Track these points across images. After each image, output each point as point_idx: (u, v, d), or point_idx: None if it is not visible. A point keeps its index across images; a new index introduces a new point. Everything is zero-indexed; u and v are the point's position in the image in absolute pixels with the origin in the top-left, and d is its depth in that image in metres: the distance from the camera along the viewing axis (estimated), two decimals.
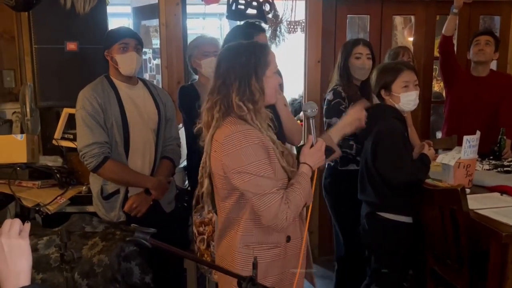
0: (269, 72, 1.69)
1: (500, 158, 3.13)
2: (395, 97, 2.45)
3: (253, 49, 1.70)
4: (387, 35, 4.05)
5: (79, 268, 2.23)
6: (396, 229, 2.46)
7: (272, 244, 1.72)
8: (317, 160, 1.75)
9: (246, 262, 1.71)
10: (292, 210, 1.64)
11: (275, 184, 1.63)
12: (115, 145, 2.43)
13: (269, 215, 1.62)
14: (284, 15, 4.10)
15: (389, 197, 2.43)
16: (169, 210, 2.65)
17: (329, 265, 3.72)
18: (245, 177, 1.61)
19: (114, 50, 2.44)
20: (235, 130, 1.62)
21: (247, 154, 1.60)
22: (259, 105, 1.66)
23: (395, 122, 2.41)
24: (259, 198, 1.62)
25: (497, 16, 4.17)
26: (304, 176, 1.70)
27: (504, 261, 2.13)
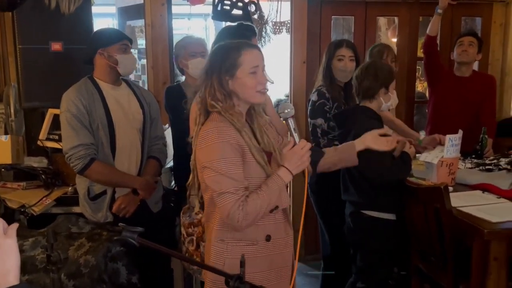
0: (240, 72, 1.69)
1: (482, 157, 3.18)
2: (387, 96, 2.50)
3: (225, 50, 1.73)
4: (371, 36, 4.10)
5: (66, 269, 2.22)
6: (380, 227, 2.50)
7: (249, 241, 1.72)
8: (295, 162, 1.68)
9: (219, 257, 1.73)
10: (248, 213, 1.62)
11: (236, 184, 1.62)
12: (101, 146, 2.42)
13: (223, 214, 1.65)
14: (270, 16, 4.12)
15: (372, 195, 2.47)
16: (156, 210, 2.65)
17: (315, 264, 3.75)
18: (209, 173, 1.65)
19: (115, 50, 2.44)
20: (212, 126, 1.67)
21: (215, 150, 1.63)
22: (228, 104, 1.70)
23: (373, 122, 2.46)
24: (218, 195, 1.64)
25: (478, 18, 4.24)
26: (275, 179, 1.67)
27: (486, 258, 2.17)
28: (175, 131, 2.95)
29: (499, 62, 4.20)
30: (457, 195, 2.53)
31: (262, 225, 1.74)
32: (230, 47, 1.75)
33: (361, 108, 2.54)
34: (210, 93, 1.71)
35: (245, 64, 1.69)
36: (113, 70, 2.46)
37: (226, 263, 1.71)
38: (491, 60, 4.19)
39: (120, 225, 1.30)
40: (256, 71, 1.70)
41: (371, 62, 2.65)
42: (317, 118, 2.90)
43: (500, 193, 2.55)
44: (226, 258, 1.72)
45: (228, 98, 1.71)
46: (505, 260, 2.16)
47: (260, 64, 1.72)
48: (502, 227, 2.16)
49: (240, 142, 1.67)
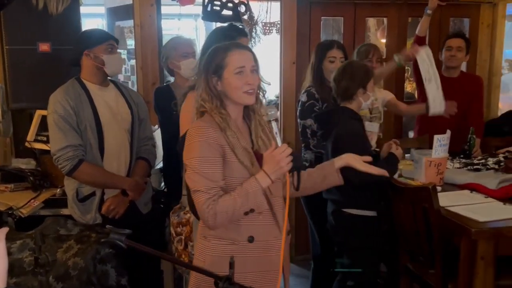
0: (226, 73, 1.71)
1: (470, 157, 3.21)
2: (367, 96, 2.53)
3: (214, 51, 1.76)
4: (360, 36, 4.12)
5: (54, 271, 2.20)
6: (362, 224, 2.53)
7: (229, 240, 1.73)
8: (275, 166, 1.64)
9: (201, 253, 1.75)
10: (217, 213, 1.62)
11: (209, 183, 1.64)
12: (89, 148, 2.41)
13: (198, 211, 1.68)
14: (260, 17, 4.13)
15: (352, 193, 2.49)
16: (145, 211, 2.64)
17: (305, 264, 3.76)
18: (187, 170, 1.69)
19: (101, 50, 2.42)
20: (195, 125, 1.72)
21: (193, 149, 1.67)
22: (214, 104, 1.72)
23: (354, 123, 2.49)
24: (193, 193, 1.68)
25: (466, 18, 4.28)
26: (252, 182, 1.65)
27: (473, 257, 2.19)
28: (164, 132, 2.94)
29: (487, 63, 4.24)
30: (445, 194, 2.55)
31: (245, 225, 1.73)
32: (218, 48, 1.77)
33: (341, 108, 2.56)
34: (200, 93, 1.75)
35: (230, 64, 1.71)
36: (100, 71, 2.45)
37: (207, 260, 1.72)
38: (478, 60, 4.23)
39: (107, 227, 1.29)
40: (242, 71, 1.71)
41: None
42: (306, 118, 2.91)
43: (488, 193, 2.58)
44: (207, 255, 1.73)
45: (215, 98, 1.73)
46: (492, 259, 2.18)
47: (247, 65, 1.72)
48: (489, 226, 2.19)
49: (221, 141, 1.68)
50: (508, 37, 4.27)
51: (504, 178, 2.65)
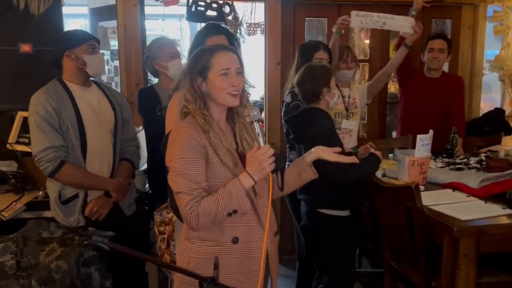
0: (211, 74, 1.72)
1: (452, 156, 3.26)
2: (332, 93, 2.57)
3: (199, 52, 1.77)
4: (344, 37, 4.11)
5: (37, 275, 2.17)
6: (335, 224, 2.57)
7: (213, 241, 1.72)
8: (257, 166, 1.64)
9: (184, 255, 1.75)
10: (199, 215, 1.62)
11: (191, 185, 1.64)
12: (71, 149, 2.38)
13: (181, 213, 1.67)
14: (244, 17, 4.13)
15: (325, 193, 2.53)
16: (129, 213, 2.62)
17: (291, 265, 3.77)
18: (170, 173, 1.69)
19: (82, 51, 2.40)
20: (177, 127, 1.72)
21: (175, 150, 1.67)
22: (198, 105, 1.73)
23: (325, 122, 2.52)
24: (175, 194, 1.68)
25: (448, 20, 4.33)
26: (234, 183, 1.65)
27: (456, 255, 2.22)
28: (148, 133, 2.93)
29: (468, 63, 4.29)
30: (428, 194, 2.58)
31: (229, 226, 1.73)
32: (204, 50, 1.78)
33: (310, 109, 2.60)
34: (184, 94, 1.75)
35: (215, 66, 1.72)
36: (82, 71, 2.43)
37: (191, 262, 1.72)
38: (460, 61, 4.28)
39: (90, 229, 1.28)
40: (227, 73, 1.71)
41: (306, 66, 2.70)
42: None
43: (470, 192, 2.62)
44: (191, 257, 1.73)
45: (199, 100, 1.74)
46: (474, 256, 2.21)
47: (232, 67, 1.73)
48: (471, 224, 2.22)
49: (204, 143, 1.68)
50: (489, 38, 4.33)
51: (486, 177, 2.69)
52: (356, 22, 3.20)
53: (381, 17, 3.18)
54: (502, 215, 2.32)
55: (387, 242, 2.62)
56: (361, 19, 3.16)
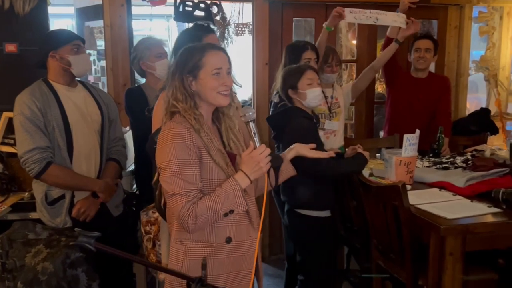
0: (202, 73, 1.70)
1: (439, 155, 3.28)
2: (302, 94, 2.58)
3: (189, 51, 1.74)
4: (331, 38, 4.14)
5: (22, 277, 2.15)
6: (313, 224, 2.60)
7: (207, 242, 1.72)
8: (254, 166, 1.66)
9: (177, 258, 1.73)
10: (197, 216, 1.61)
11: (188, 186, 1.62)
12: (58, 150, 2.36)
13: (175, 214, 1.65)
14: (232, 18, 4.13)
15: (303, 194, 2.56)
16: (116, 214, 2.61)
17: (279, 264, 3.77)
18: (163, 173, 1.66)
19: (66, 51, 2.38)
20: (168, 127, 1.68)
21: (169, 151, 1.64)
22: (188, 105, 1.70)
23: (302, 120, 2.55)
24: (169, 196, 1.64)
25: (435, 20, 4.37)
26: (231, 183, 1.65)
27: (442, 253, 2.24)
28: (135, 133, 2.91)
29: (454, 64, 4.34)
30: (415, 193, 2.60)
31: (223, 227, 1.73)
32: (194, 49, 1.76)
33: (289, 108, 2.64)
34: (172, 93, 1.72)
35: (207, 65, 1.70)
36: (67, 72, 2.41)
37: (184, 265, 1.71)
38: (446, 61, 4.32)
39: (76, 230, 1.27)
40: (219, 72, 1.71)
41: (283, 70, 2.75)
42: None
43: (456, 191, 2.63)
44: (184, 260, 1.71)
45: (189, 99, 1.71)
46: (460, 255, 2.23)
47: (223, 66, 1.72)
48: (457, 223, 2.24)
49: (197, 143, 1.66)
50: (475, 38, 4.38)
51: (472, 176, 2.71)
52: (350, 17, 3.26)
53: (373, 13, 3.25)
54: (488, 213, 2.34)
55: (375, 241, 2.63)
56: (355, 15, 3.23)
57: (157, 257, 2.17)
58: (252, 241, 1.79)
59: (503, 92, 4.50)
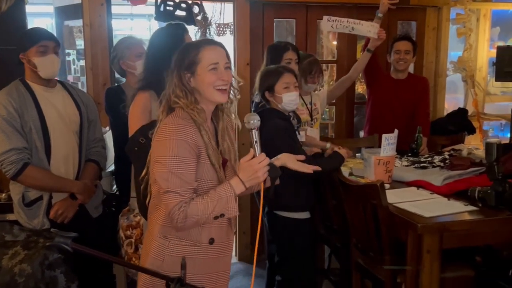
0: (199, 69, 1.69)
1: (417, 155, 3.33)
2: (278, 97, 2.60)
3: (186, 48, 1.74)
4: (312, 38, 4.19)
5: None
6: (290, 226, 2.63)
7: (191, 241, 1.72)
8: (251, 175, 1.65)
9: (159, 252, 1.72)
10: (187, 216, 1.61)
11: (184, 185, 1.62)
12: (35, 151, 2.33)
13: (166, 211, 1.65)
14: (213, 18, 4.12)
15: (281, 196, 2.57)
16: (96, 215, 2.58)
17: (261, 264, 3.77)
18: (159, 168, 1.63)
19: (32, 53, 2.33)
20: (173, 121, 1.65)
21: (169, 146, 1.62)
22: (189, 100, 1.69)
23: (279, 122, 2.56)
24: (164, 192, 1.63)
25: (413, 22, 4.43)
26: (226, 187, 1.65)
27: (420, 251, 2.27)
28: (116, 133, 2.89)
29: (433, 65, 4.40)
30: (393, 191, 2.63)
31: (208, 228, 1.73)
32: (190, 45, 1.76)
33: (266, 110, 2.65)
34: (172, 90, 1.71)
35: (204, 60, 1.69)
36: (37, 73, 2.36)
37: (166, 260, 1.70)
38: (425, 62, 4.39)
39: (52, 230, 1.26)
40: (216, 67, 1.69)
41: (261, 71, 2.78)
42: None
43: (434, 189, 2.67)
44: (166, 255, 1.71)
45: (190, 94, 1.70)
46: (437, 252, 2.27)
47: (221, 62, 1.71)
48: (434, 221, 2.27)
49: (198, 142, 1.65)
50: (452, 39, 4.46)
51: (449, 175, 2.76)
52: (327, 26, 3.35)
53: (350, 22, 3.33)
54: (464, 211, 2.38)
55: (354, 239, 2.66)
56: (332, 23, 3.32)
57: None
58: (230, 242, 1.81)
59: (480, 92, 4.59)
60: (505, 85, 4.36)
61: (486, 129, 4.77)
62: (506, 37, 4.96)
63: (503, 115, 4.66)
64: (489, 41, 4.61)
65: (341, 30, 3.39)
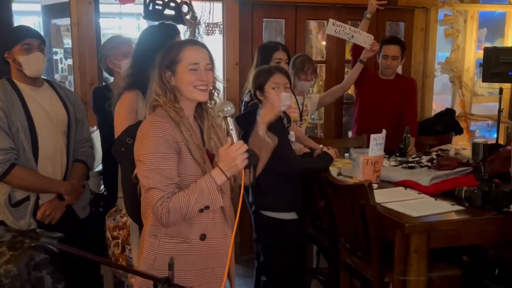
0: (180, 68, 1.71)
1: (405, 155, 3.35)
2: (267, 97, 2.57)
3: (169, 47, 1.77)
4: (302, 38, 4.20)
5: None
6: (275, 226, 2.64)
7: (181, 238, 1.72)
8: (230, 163, 1.64)
9: (150, 251, 1.72)
10: (170, 210, 1.61)
11: (165, 180, 1.62)
12: (22, 151, 2.30)
13: (152, 209, 1.65)
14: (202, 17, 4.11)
15: (268, 196, 2.61)
16: (83, 216, 2.56)
17: (250, 264, 3.77)
18: (140, 166, 1.66)
19: (17, 52, 2.30)
20: (149, 120, 1.69)
21: (148, 144, 1.64)
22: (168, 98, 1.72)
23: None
24: (146, 190, 1.65)
25: (402, 22, 4.46)
26: (206, 179, 1.64)
27: (407, 250, 2.28)
28: (103, 133, 2.87)
29: (421, 65, 4.44)
30: (381, 191, 2.64)
31: (198, 223, 1.73)
32: (174, 44, 1.78)
33: (257, 108, 2.62)
34: (154, 88, 1.74)
35: (185, 60, 1.71)
36: (22, 72, 2.33)
37: (157, 259, 1.70)
38: (413, 63, 4.42)
39: (38, 231, 1.25)
40: (196, 68, 1.71)
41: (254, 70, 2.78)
42: None
43: (421, 189, 2.69)
44: (158, 254, 1.71)
45: (169, 93, 1.73)
46: (424, 252, 2.28)
47: (201, 62, 1.73)
48: (422, 221, 2.28)
49: (177, 137, 1.66)
50: (440, 40, 4.49)
51: (436, 175, 2.78)
52: (331, 30, 3.40)
53: (351, 30, 3.40)
54: (451, 211, 2.40)
55: (342, 239, 2.66)
56: (336, 28, 3.39)
57: (128, 262, 2.14)
58: (227, 239, 1.79)
59: (467, 93, 4.63)
60: (492, 86, 4.40)
61: (473, 130, 4.82)
62: (493, 38, 5.02)
63: (489, 116, 4.71)
64: (476, 42, 4.66)
65: (342, 36, 3.46)
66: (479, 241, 2.58)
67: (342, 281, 2.77)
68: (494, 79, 4.15)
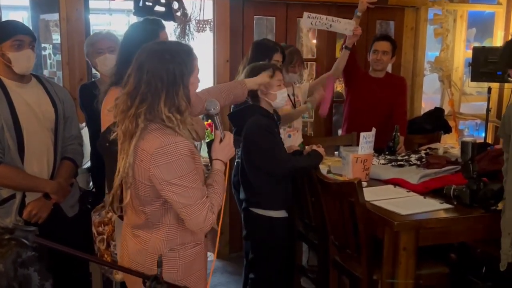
0: (193, 78, 1.69)
1: (394, 153, 3.37)
2: (272, 95, 2.59)
3: (180, 56, 1.65)
4: (292, 36, 4.20)
5: None
6: (265, 223, 2.64)
7: (194, 242, 1.78)
8: (228, 153, 1.83)
9: (173, 266, 1.73)
10: (216, 214, 1.72)
11: (203, 192, 1.68)
12: (7, 149, 2.26)
13: (196, 223, 1.67)
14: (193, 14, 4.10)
15: (258, 193, 2.61)
16: (71, 215, 2.52)
17: (239, 262, 3.77)
18: (176, 189, 1.63)
19: (7, 47, 2.25)
20: (167, 142, 1.60)
21: (179, 166, 1.62)
22: (186, 115, 1.67)
23: (261, 118, 2.56)
24: (188, 208, 1.65)
25: (392, 21, 4.48)
26: (219, 173, 1.80)
27: (396, 248, 2.30)
28: (91, 130, 2.85)
29: (410, 64, 4.46)
30: (371, 189, 2.65)
31: None
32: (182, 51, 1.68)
33: (251, 106, 2.64)
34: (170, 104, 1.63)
35: (196, 68, 1.72)
36: (11, 68, 2.29)
37: (180, 269, 1.74)
38: (403, 62, 4.44)
39: (13, 224, 1.24)
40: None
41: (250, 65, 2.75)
42: None
43: (410, 187, 2.71)
44: (180, 266, 1.74)
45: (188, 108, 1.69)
46: (413, 250, 2.30)
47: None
48: (410, 219, 2.30)
49: (193, 149, 1.69)
50: (430, 40, 4.52)
51: (425, 173, 2.80)
52: (307, 23, 3.37)
53: (329, 19, 3.36)
54: (440, 209, 2.42)
55: (331, 237, 2.67)
56: (312, 20, 3.34)
57: (112, 257, 2.13)
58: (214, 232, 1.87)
59: (456, 92, 4.67)
60: (481, 85, 4.44)
61: (462, 129, 4.87)
62: (482, 38, 5.06)
63: (478, 115, 4.76)
64: (465, 42, 4.70)
65: (320, 27, 3.42)
66: (467, 239, 2.60)
67: (331, 278, 2.78)
68: (482, 79, 4.18)
